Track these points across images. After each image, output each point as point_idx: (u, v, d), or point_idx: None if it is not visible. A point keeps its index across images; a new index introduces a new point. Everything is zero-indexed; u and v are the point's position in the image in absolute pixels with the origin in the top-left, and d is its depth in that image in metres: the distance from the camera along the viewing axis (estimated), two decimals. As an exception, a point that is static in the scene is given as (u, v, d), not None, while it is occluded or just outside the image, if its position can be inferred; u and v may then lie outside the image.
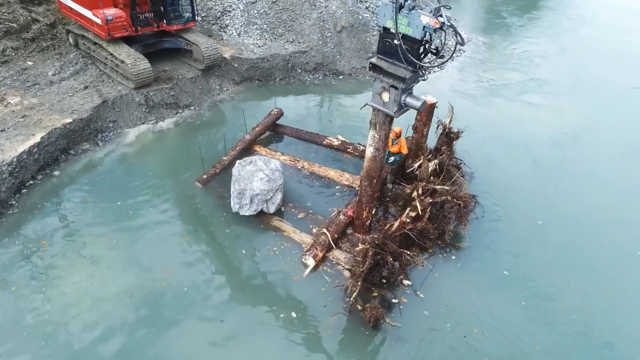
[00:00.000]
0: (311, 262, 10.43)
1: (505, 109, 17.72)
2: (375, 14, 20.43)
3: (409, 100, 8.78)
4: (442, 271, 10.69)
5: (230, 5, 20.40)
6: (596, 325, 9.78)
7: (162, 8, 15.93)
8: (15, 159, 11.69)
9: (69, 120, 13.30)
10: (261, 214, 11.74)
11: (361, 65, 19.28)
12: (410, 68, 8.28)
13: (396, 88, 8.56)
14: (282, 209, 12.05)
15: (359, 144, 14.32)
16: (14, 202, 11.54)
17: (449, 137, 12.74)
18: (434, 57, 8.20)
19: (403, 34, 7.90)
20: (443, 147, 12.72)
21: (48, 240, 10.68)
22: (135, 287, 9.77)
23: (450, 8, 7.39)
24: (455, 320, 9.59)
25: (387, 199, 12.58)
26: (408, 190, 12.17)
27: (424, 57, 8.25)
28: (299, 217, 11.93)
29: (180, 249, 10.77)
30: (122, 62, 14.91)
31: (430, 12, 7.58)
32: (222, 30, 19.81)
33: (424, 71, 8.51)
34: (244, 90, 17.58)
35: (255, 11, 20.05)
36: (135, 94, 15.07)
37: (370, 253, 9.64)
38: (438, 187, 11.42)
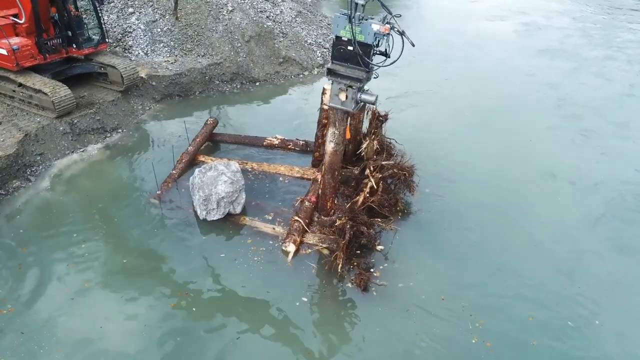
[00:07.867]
0: (292, 248, 11.15)
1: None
2: (276, 22, 21.55)
3: (364, 96, 9.99)
4: (401, 234, 12.06)
5: (130, 27, 20.06)
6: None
7: (70, 32, 15.33)
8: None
9: (-5, 158, 12.36)
10: (228, 215, 12.13)
11: (274, 71, 20.26)
12: (364, 69, 9.45)
13: (353, 88, 9.71)
14: (246, 207, 12.54)
15: (297, 139, 15.28)
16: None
17: (379, 120, 14.26)
18: (385, 58, 9.36)
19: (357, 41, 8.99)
20: (375, 130, 14.21)
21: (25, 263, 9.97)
22: (146, 316, 9.68)
23: (400, 16, 8.67)
24: (426, 278, 10.96)
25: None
26: (356, 172, 13.42)
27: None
28: (264, 211, 12.54)
29: (169, 269, 10.78)
30: (39, 91, 14.11)
31: (380, 20, 8.85)
32: (126, 51, 19.41)
33: (375, 71, 9.73)
34: (166, 108, 17.52)
35: (159, 29, 19.97)
36: (59, 123, 14.34)
37: (348, 226, 10.68)
38: (384, 162, 12.81)
